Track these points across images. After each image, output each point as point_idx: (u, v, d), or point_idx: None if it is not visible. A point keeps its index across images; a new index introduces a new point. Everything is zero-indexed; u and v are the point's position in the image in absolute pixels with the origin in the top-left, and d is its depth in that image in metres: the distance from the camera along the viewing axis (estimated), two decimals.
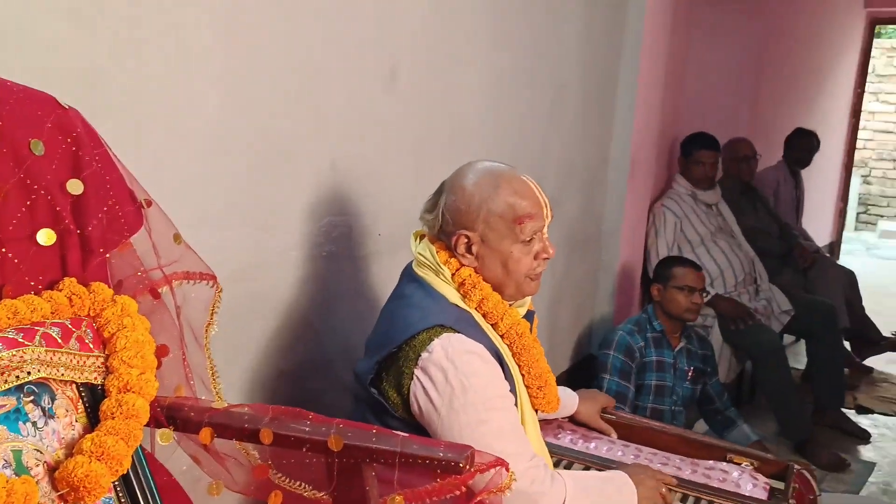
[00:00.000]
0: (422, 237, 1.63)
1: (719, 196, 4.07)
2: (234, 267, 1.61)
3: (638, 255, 3.87)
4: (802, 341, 4.41)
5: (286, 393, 1.81)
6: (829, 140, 7.16)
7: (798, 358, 4.47)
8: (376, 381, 1.49)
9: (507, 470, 1.07)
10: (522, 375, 1.58)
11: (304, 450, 1.03)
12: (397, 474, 0.98)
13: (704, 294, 3.19)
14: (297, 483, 1.14)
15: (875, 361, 4.83)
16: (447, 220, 1.56)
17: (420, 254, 1.58)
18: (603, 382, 3.02)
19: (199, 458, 1.16)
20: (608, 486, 1.60)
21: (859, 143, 8.58)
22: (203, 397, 1.20)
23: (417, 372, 1.44)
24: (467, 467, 1.00)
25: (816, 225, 6.39)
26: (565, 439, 1.95)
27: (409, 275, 1.60)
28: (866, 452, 3.76)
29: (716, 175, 3.99)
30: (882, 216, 10.23)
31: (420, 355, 1.44)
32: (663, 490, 1.66)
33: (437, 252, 1.56)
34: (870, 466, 3.60)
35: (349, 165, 1.92)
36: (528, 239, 1.54)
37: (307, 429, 1.04)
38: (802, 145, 5.11)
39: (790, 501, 1.74)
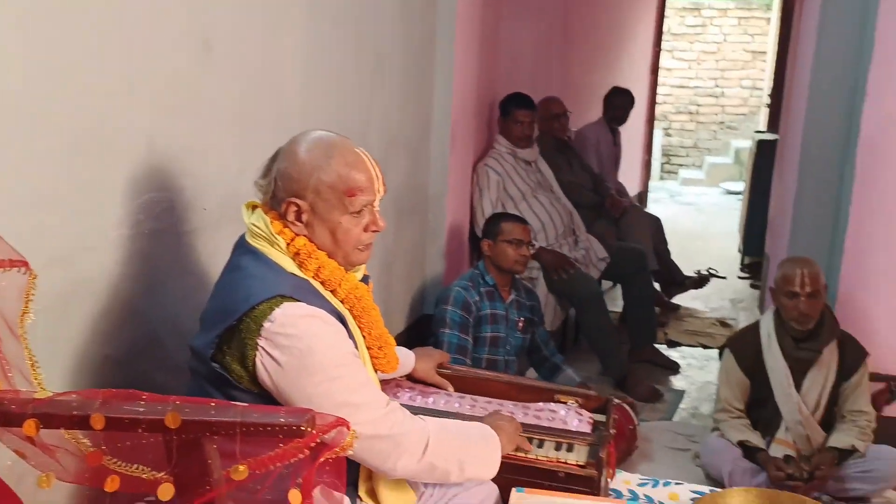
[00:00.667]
0: (254, 208, 1.62)
1: (537, 153, 4.26)
2: (51, 252, 1.53)
3: (464, 214, 4.00)
4: (618, 286, 4.74)
5: (115, 378, 1.74)
6: (635, 97, 7.64)
7: (615, 302, 4.80)
8: (217, 355, 1.48)
9: (349, 428, 1.10)
10: (364, 338, 1.62)
11: (140, 430, 1.01)
12: (239, 445, 0.99)
13: (531, 247, 3.36)
14: (135, 466, 1.12)
15: (681, 299, 5.28)
16: (279, 187, 1.55)
17: (254, 224, 1.57)
18: (443, 337, 3.11)
19: (24, 452, 1.11)
20: (472, 431, 1.68)
21: (659, 98, 9.21)
22: (24, 389, 1.14)
23: (261, 342, 1.44)
24: (309, 430, 1.02)
25: (628, 177, 6.82)
26: (404, 397, 2.01)
27: (243, 246, 1.59)
28: (677, 382, 4.13)
29: (533, 133, 4.17)
30: (682, 165, 11.09)
31: (262, 325, 1.44)
32: (521, 433, 1.78)
33: (270, 222, 1.55)
34: (680, 394, 3.96)
35: (167, 141, 1.85)
36: (357, 211, 1.56)
37: (142, 409, 1.02)
38: (618, 103, 5.43)
39: (611, 430, 1.90)
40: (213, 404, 1.05)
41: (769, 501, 1.78)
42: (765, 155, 5.77)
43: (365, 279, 1.68)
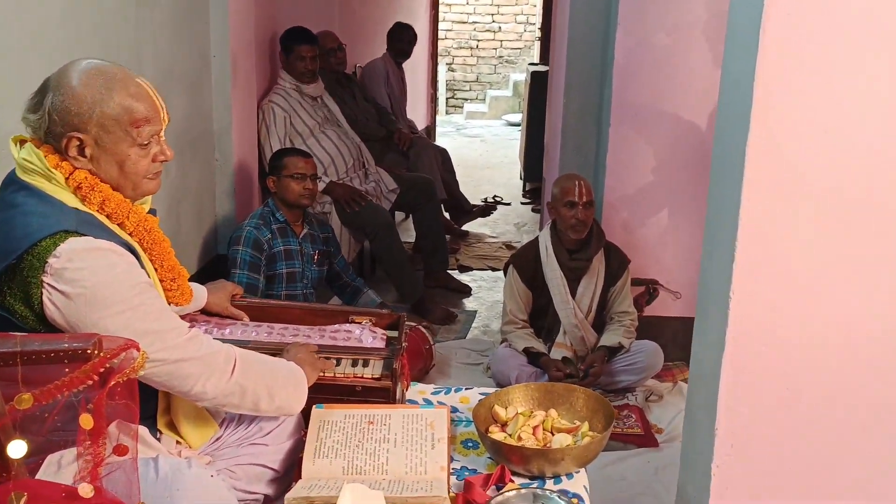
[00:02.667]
0: (23, 142, 1.52)
1: (322, 88, 4.24)
2: None
3: (252, 152, 3.93)
4: (410, 216, 4.89)
5: None
6: (418, 33, 7.74)
7: (408, 232, 4.96)
8: None
9: (138, 350, 1.11)
10: (155, 270, 1.60)
11: None
12: (21, 373, 0.97)
13: (319, 180, 3.38)
14: None
15: (469, 226, 5.55)
16: (55, 121, 1.47)
17: (26, 160, 1.48)
18: (233, 278, 3.09)
19: None
20: (276, 363, 1.71)
21: (441, 34, 9.41)
22: None
23: (47, 279, 1.38)
24: (96, 353, 1.02)
25: (416, 111, 6.97)
26: (200, 330, 2.00)
27: (16, 182, 1.49)
28: (469, 304, 4.37)
29: (316, 68, 4.15)
30: (466, 99, 11.44)
31: (46, 262, 1.38)
32: (319, 357, 1.83)
33: (44, 156, 1.48)
34: (472, 314, 4.20)
35: None
36: (145, 143, 1.52)
37: None
38: (403, 37, 5.48)
39: (403, 344, 2.01)
40: None
41: (545, 392, 1.98)
42: (538, 86, 6.11)
43: (152, 212, 1.65)
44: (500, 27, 11.25)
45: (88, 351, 1.01)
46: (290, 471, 1.77)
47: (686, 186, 3.35)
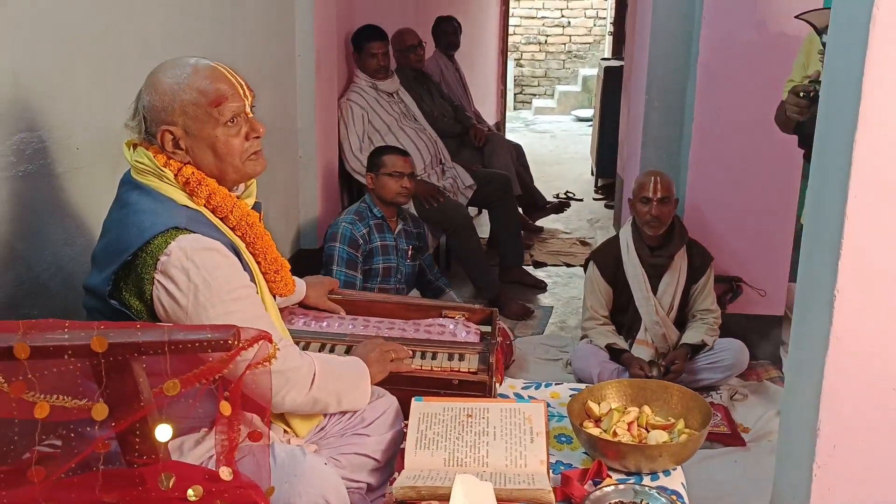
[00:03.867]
0: (135, 146, 1.60)
1: (398, 84, 4.30)
2: None
3: (333, 149, 4.01)
4: (485, 212, 4.92)
5: None
6: (485, 28, 7.77)
7: (483, 228, 4.99)
8: (114, 293, 1.47)
9: (271, 342, 1.16)
10: (258, 263, 1.66)
11: (66, 357, 1.03)
12: (169, 362, 1.03)
13: (413, 178, 3.42)
14: (55, 397, 1.13)
15: (543, 222, 5.55)
16: (148, 121, 1.54)
17: (138, 161, 1.56)
18: (332, 274, 3.17)
19: None
20: (346, 366, 1.78)
21: (510, 30, 9.40)
22: None
23: (158, 276, 1.44)
24: (235, 343, 1.08)
25: (485, 107, 6.99)
26: (299, 323, 2.07)
27: (130, 182, 1.57)
28: (545, 299, 4.38)
29: (389, 64, 4.20)
30: (535, 95, 11.41)
31: (158, 259, 1.44)
32: (392, 356, 1.88)
33: (154, 157, 1.55)
34: (549, 310, 4.21)
35: (34, 78, 1.78)
36: (230, 120, 1.56)
37: (66, 336, 1.03)
38: (447, 29, 5.48)
39: (497, 339, 2.04)
40: (138, 325, 1.08)
41: (639, 388, 1.98)
42: (611, 81, 6.06)
43: (257, 206, 1.71)
44: (569, 22, 11.19)
45: (229, 341, 1.07)
46: (390, 461, 1.82)
47: (770, 184, 3.29)
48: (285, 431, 1.72)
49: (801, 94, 2.33)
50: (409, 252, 3.43)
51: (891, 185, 1.52)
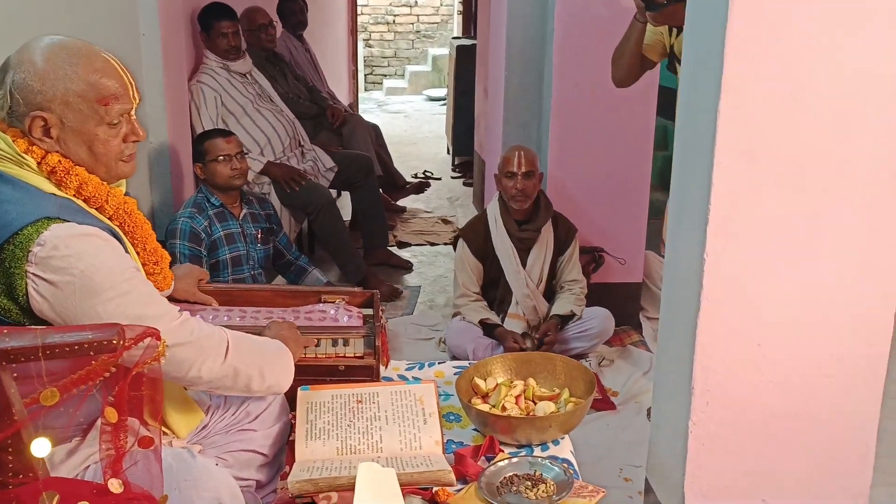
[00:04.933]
0: None
1: (251, 65, 4.13)
2: None
3: (186, 135, 3.80)
4: (346, 193, 4.84)
5: None
6: (333, 7, 7.63)
7: (345, 210, 4.90)
8: None
9: (159, 339, 1.07)
10: (138, 254, 1.54)
11: None
12: (45, 369, 0.93)
13: (241, 157, 3.23)
14: None
15: (404, 202, 5.53)
16: (17, 101, 1.39)
17: None
18: None
19: None
20: (263, 342, 1.67)
21: (358, 10, 9.28)
22: None
23: (31, 269, 1.31)
24: (121, 343, 0.98)
25: (337, 88, 6.86)
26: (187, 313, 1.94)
27: None
28: (411, 279, 4.38)
29: (240, 44, 4.03)
30: (385, 76, 11.35)
31: (30, 251, 1.31)
32: (300, 335, 1.81)
33: (13, 141, 1.40)
34: (417, 290, 4.21)
35: None
36: (114, 122, 1.46)
37: None
38: (292, 8, 5.31)
39: (381, 321, 2.00)
40: (4, 331, 0.96)
41: (523, 361, 2.01)
42: (464, 60, 6.11)
43: (127, 195, 1.59)
44: (416, 2, 11.18)
45: (114, 342, 0.97)
46: (279, 455, 1.76)
47: (628, 155, 3.43)
48: (164, 433, 1.62)
49: None
50: (259, 235, 3.30)
51: (755, 151, 1.60)
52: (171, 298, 2.00)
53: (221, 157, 3.14)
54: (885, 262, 1.67)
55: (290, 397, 1.79)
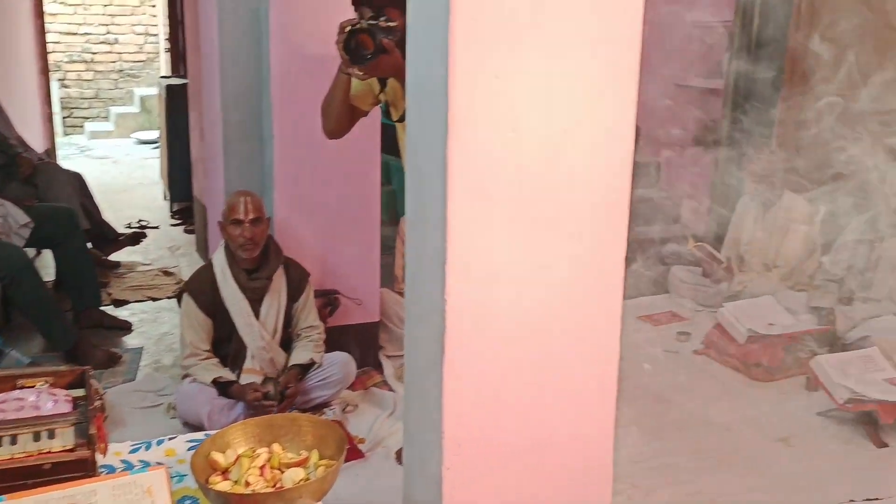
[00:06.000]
0: None
1: None
2: None
3: None
4: (47, 252, 4.31)
5: None
6: (18, 45, 6.87)
7: (47, 270, 4.36)
8: None
9: None
10: None
11: None
12: None
13: None
14: None
15: (118, 256, 5.05)
16: None
17: None
18: None
19: None
20: None
21: (49, 47, 8.46)
22: None
23: None
24: None
25: (29, 133, 6.16)
26: None
27: None
28: (132, 340, 3.98)
29: None
30: (87, 118, 10.45)
31: None
32: None
33: None
34: (139, 352, 3.83)
35: None
36: None
37: None
38: None
39: (97, 403, 1.73)
40: None
41: (266, 426, 1.84)
42: (175, 100, 5.77)
43: None
44: (116, 39, 10.44)
45: None
46: None
47: (356, 193, 3.39)
48: None
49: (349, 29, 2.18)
50: None
51: (485, 187, 1.60)
52: None
53: None
54: (606, 289, 1.74)
55: None
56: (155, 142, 8.36)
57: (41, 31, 7.63)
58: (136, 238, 5.18)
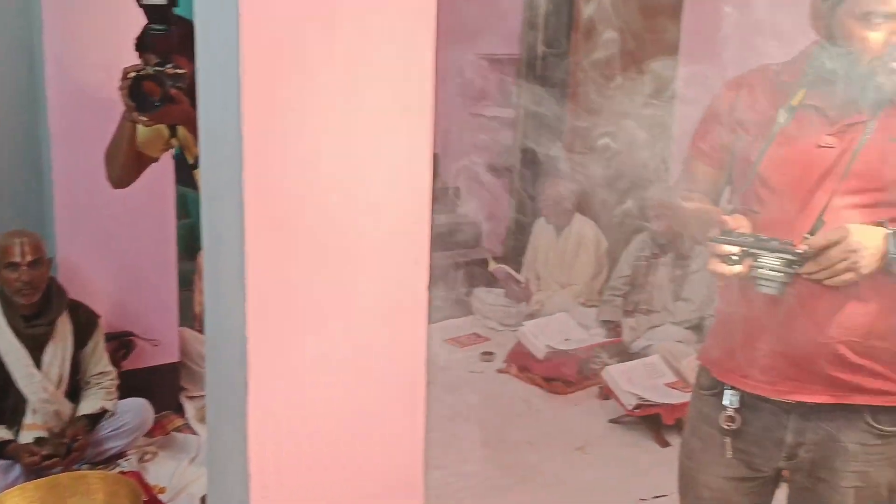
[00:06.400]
0: None
1: None
2: None
3: None
4: None
5: None
6: None
7: None
8: None
9: None
10: None
11: None
12: None
13: None
14: None
15: None
16: None
17: None
18: None
19: None
20: None
21: None
22: None
23: None
24: None
25: None
26: None
27: None
28: None
29: None
30: None
31: None
32: None
33: None
34: None
35: None
36: None
37: None
38: None
39: None
40: None
41: (50, 488, 1.69)
42: None
43: None
44: None
45: None
46: None
47: (150, 227, 3.22)
48: None
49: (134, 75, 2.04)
50: None
51: (286, 222, 1.56)
52: None
53: None
54: (411, 315, 1.76)
55: None
56: None
57: None
58: None
